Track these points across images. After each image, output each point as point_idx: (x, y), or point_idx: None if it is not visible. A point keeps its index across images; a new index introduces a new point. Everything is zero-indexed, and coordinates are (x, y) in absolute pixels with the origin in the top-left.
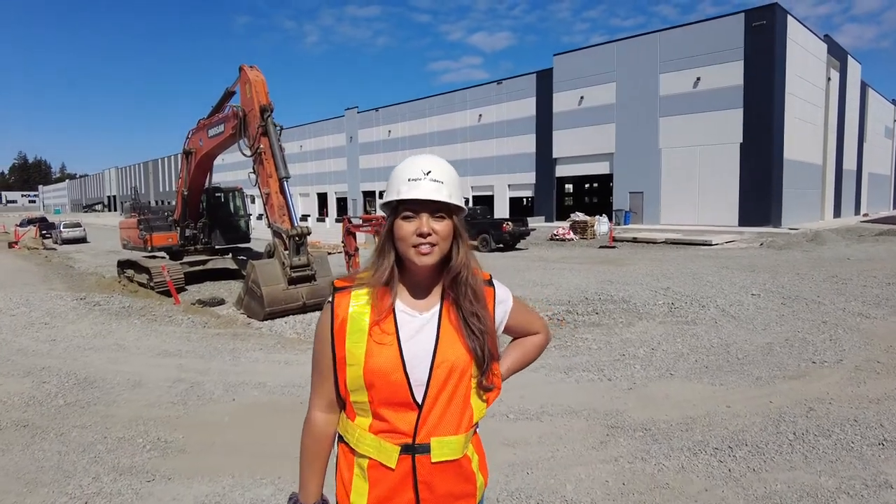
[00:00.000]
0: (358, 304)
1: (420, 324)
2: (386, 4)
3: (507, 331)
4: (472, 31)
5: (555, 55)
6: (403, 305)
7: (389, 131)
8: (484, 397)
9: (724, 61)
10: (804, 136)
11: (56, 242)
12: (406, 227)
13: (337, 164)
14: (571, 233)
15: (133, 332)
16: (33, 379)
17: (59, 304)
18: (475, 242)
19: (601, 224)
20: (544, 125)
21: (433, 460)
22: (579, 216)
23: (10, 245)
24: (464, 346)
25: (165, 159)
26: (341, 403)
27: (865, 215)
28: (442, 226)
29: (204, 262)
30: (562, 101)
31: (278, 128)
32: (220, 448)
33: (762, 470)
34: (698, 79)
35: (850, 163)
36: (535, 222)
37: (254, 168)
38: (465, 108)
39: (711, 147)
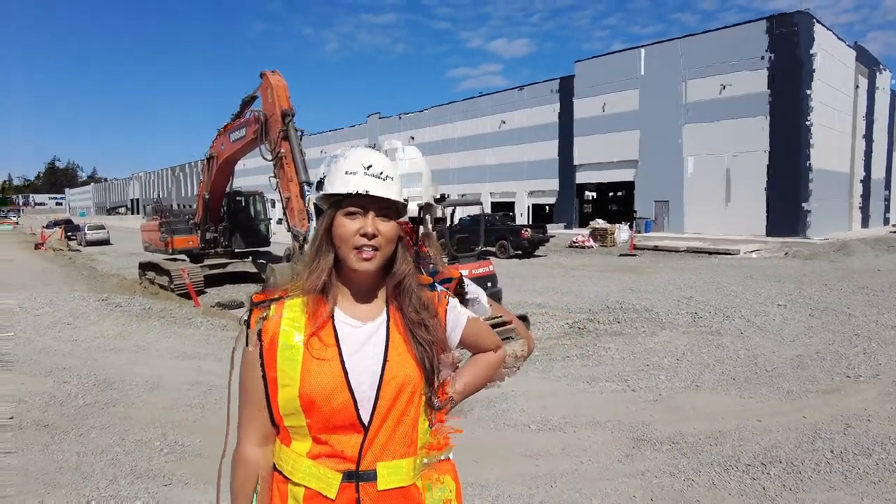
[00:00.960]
0: (290, 317)
1: (365, 335)
2: (405, 12)
3: (461, 343)
4: (492, 38)
5: (576, 62)
6: (344, 315)
7: (412, 137)
8: (433, 419)
9: (750, 68)
10: (832, 145)
11: (80, 244)
12: (349, 226)
13: None
14: (591, 240)
15: (153, 334)
16: (55, 379)
17: (81, 304)
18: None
19: (621, 232)
20: (566, 131)
21: (380, 488)
22: (599, 223)
23: (37, 246)
24: (414, 359)
25: (188, 164)
26: (276, 430)
27: (895, 226)
28: (388, 227)
29: (224, 266)
30: (584, 108)
31: (299, 132)
32: None
33: (799, 489)
34: (723, 86)
35: (878, 172)
36: (554, 229)
37: (275, 172)
38: (488, 113)
39: (737, 155)
